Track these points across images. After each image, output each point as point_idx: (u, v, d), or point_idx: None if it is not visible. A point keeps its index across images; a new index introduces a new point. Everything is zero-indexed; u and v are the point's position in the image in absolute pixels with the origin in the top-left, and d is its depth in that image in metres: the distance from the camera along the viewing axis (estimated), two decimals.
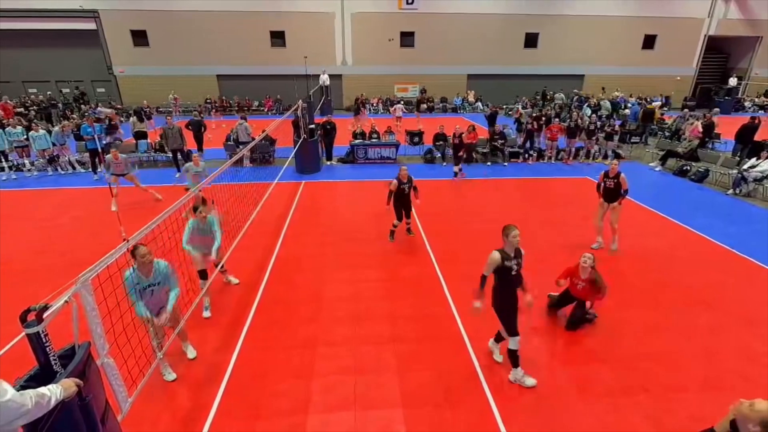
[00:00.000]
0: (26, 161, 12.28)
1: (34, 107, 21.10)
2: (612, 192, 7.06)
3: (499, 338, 4.54)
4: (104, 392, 2.57)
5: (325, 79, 22.89)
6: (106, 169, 9.17)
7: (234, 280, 6.16)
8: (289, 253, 7.13)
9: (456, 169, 11.64)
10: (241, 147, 11.40)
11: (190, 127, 13.15)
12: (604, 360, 4.61)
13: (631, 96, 24.91)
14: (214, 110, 23.70)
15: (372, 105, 25.42)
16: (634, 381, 4.31)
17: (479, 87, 26.68)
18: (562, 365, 4.54)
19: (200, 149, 13.70)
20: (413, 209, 7.82)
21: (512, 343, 4.13)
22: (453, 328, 5.17)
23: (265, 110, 24.68)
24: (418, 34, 25.34)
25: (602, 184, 7.18)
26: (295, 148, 11.80)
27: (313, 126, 12.27)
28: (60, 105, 22.83)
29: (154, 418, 3.81)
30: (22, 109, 19.88)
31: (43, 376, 2.10)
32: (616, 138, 13.67)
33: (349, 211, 9.14)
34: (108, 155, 9.24)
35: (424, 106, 24.16)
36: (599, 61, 26.82)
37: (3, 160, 11.88)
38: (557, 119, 14.15)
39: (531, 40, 26.22)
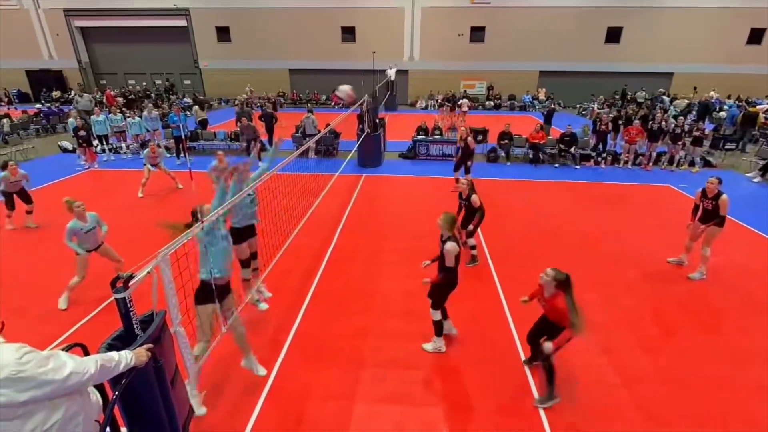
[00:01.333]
0: (123, 145, 13.76)
1: (132, 96, 23.51)
2: (709, 215, 6.06)
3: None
4: (175, 358, 2.83)
5: (391, 74, 23.03)
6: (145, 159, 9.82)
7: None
8: (346, 245, 7.32)
9: (456, 175, 9.83)
10: (307, 139, 11.87)
11: (262, 119, 13.91)
12: (675, 386, 4.21)
13: (728, 97, 22.24)
14: (280, 104, 24.67)
15: (436, 101, 25.16)
16: (710, 410, 3.89)
17: (551, 85, 25.36)
18: (628, 386, 4.21)
19: (270, 140, 14.46)
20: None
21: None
22: (504, 330, 5.01)
23: (332, 104, 25.38)
24: (489, 28, 24.59)
25: (699, 206, 6.20)
26: (358, 141, 12.05)
27: (377, 120, 12.43)
28: (152, 95, 25.24)
29: (216, 385, 4.12)
30: (121, 99, 22.26)
31: (126, 337, 2.36)
32: (707, 143, 12.31)
33: (407, 206, 9.16)
34: (146, 149, 10.02)
35: (466, 101, 23.07)
36: (692, 58, 24.20)
37: (104, 143, 13.41)
38: (637, 120, 13.05)
39: (613, 35, 24.33)
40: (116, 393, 2.14)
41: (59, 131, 17.43)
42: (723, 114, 18.06)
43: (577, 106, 24.35)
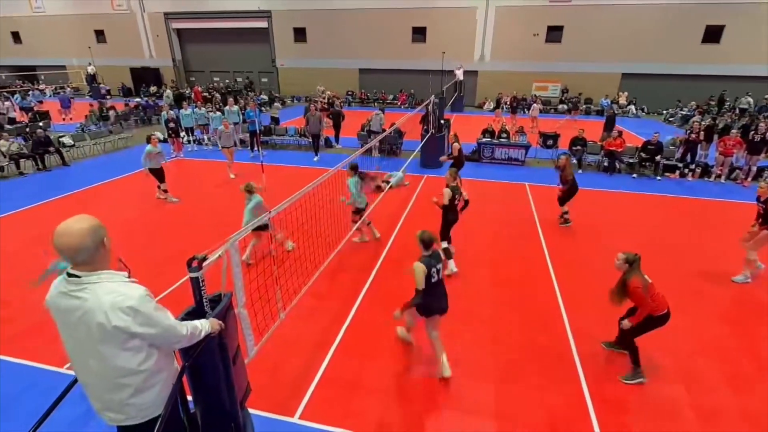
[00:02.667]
0: (205, 137, 14.99)
1: (216, 93, 25.48)
2: (764, 219, 5.87)
3: None
4: (237, 337, 3.04)
5: (459, 74, 22.69)
6: (218, 139, 10.53)
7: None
8: (402, 244, 7.36)
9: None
10: (372, 137, 12.09)
11: (331, 116, 14.40)
12: (759, 427, 3.73)
13: None
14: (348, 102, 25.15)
15: (505, 104, 24.33)
16: None
17: (634, 88, 23.38)
18: (706, 423, 3.81)
19: (337, 137, 14.95)
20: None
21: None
22: (564, 347, 4.75)
23: (398, 104, 25.56)
24: (568, 28, 23.23)
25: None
26: (421, 142, 12.03)
27: (442, 122, 12.34)
28: (232, 92, 27.17)
29: (271, 367, 4.37)
30: (207, 95, 24.19)
31: (196, 314, 2.58)
32: None
33: (466, 210, 8.98)
34: (220, 126, 10.84)
35: (537, 106, 22.00)
36: None
37: (190, 134, 14.69)
38: (735, 130, 11.64)
39: (712, 34, 21.81)
40: (187, 362, 2.36)
41: (153, 123, 19.38)
42: None
43: (663, 112, 22.24)
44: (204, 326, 2.32)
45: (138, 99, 22.92)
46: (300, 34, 27.10)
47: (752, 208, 9.42)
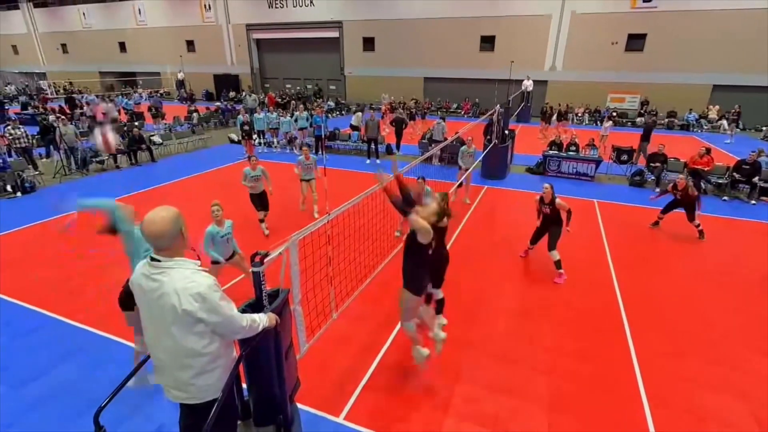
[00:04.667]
0: (275, 140, 15.88)
1: (288, 99, 26.93)
2: None
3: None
4: (291, 333, 3.17)
5: (528, 84, 21.95)
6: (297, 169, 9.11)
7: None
8: (456, 255, 7.22)
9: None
10: (433, 145, 12.06)
11: (393, 123, 14.61)
12: None
13: None
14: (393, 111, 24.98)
15: (577, 115, 23.11)
16: None
17: (728, 101, 21.01)
18: None
19: (398, 144, 15.10)
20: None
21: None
22: (631, 383, 4.37)
23: (462, 113, 25.26)
24: (651, 36, 21.54)
25: None
26: (483, 152, 11.78)
27: (507, 132, 12.00)
28: (302, 98, 28.53)
29: (320, 365, 4.49)
30: (280, 100, 25.63)
31: (256, 306, 2.73)
32: None
33: (526, 224, 8.62)
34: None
35: (610, 122, 20.42)
36: None
37: (261, 137, 15.64)
38: None
39: None
40: (244, 351, 2.51)
41: (230, 125, 20.89)
42: None
43: (763, 128, 19.80)
44: (262, 320, 2.45)
45: (218, 103, 24.86)
46: (369, 44, 27.82)
47: None
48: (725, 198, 10.37)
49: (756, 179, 10.11)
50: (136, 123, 17.64)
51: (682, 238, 8.04)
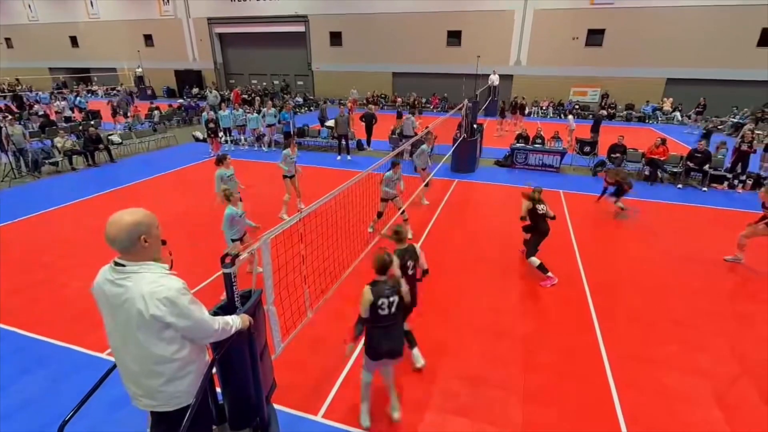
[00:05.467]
0: (242, 137, 15.49)
1: (254, 95, 26.30)
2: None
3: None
4: (265, 334, 3.11)
5: (494, 79, 22.36)
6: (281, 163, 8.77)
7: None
8: (430, 251, 7.30)
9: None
10: (404, 140, 12.09)
11: (363, 119, 14.55)
12: None
13: None
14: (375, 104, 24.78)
15: (542, 108, 23.80)
16: None
17: (680, 94, 22.24)
18: None
19: (369, 140, 15.07)
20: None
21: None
22: (598, 367, 4.57)
23: (431, 107, 25.47)
24: (610, 31, 22.41)
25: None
26: (453, 146, 11.93)
27: (475, 126, 12.19)
28: (269, 94, 27.95)
29: (296, 365, 4.44)
30: (246, 97, 24.99)
31: (227, 308, 2.66)
32: None
33: (497, 216, 8.83)
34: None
35: (572, 118, 21.24)
36: None
37: (228, 134, 15.22)
38: None
39: None
40: (217, 355, 2.44)
41: (195, 123, 20.21)
42: None
43: (713, 119, 21.02)
44: (234, 322, 2.39)
45: (181, 100, 23.98)
46: (336, 39, 27.55)
47: None
48: (680, 186, 10.96)
49: (707, 167, 10.74)
50: (92, 122, 16.78)
51: (641, 226, 8.44)
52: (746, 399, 4.14)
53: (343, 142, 13.48)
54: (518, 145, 12.84)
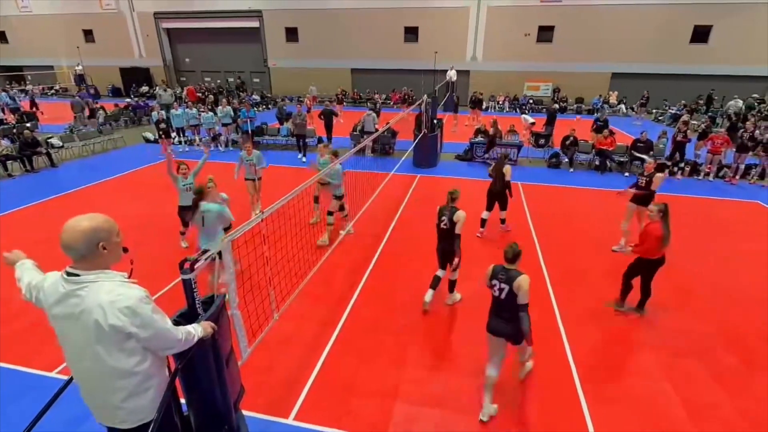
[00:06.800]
0: (197, 137, 14.87)
1: (208, 93, 25.30)
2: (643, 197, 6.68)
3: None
4: (230, 339, 3.02)
5: (452, 74, 22.74)
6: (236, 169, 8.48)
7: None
8: (397, 244, 7.36)
9: None
10: (365, 137, 12.08)
11: (322, 116, 14.37)
12: (755, 428, 3.79)
13: None
14: (341, 102, 24.20)
15: (497, 102, 24.49)
16: None
17: (624, 87, 23.65)
18: (696, 420, 3.86)
19: (329, 137, 14.91)
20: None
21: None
22: (559, 348, 4.79)
23: (392, 103, 25.56)
24: (559, 28, 23.43)
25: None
26: (414, 141, 12.05)
27: (435, 121, 12.37)
28: (224, 92, 26.99)
29: (265, 368, 4.35)
30: (200, 95, 24.01)
31: (189, 316, 2.56)
32: None
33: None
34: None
35: (527, 118, 22.11)
36: None
37: (181, 135, 14.56)
38: (723, 129, 11.80)
39: (701, 34, 22.15)
40: (179, 365, 2.34)
41: (144, 123, 19.19)
42: None
43: (653, 111, 22.51)
44: (197, 330, 2.31)
45: (128, 99, 22.65)
46: (292, 34, 27.00)
47: (740, 204, 9.62)
48: (626, 174, 11.66)
49: (650, 155, 11.46)
50: (28, 124, 15.53)
51: (597, 214, 8.90)
52: (690, 369, 4.49)
53: (302, 142, 13.21)
54: (477, 139, 13.15)
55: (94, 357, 1.91)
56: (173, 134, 14.23)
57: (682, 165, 11.63)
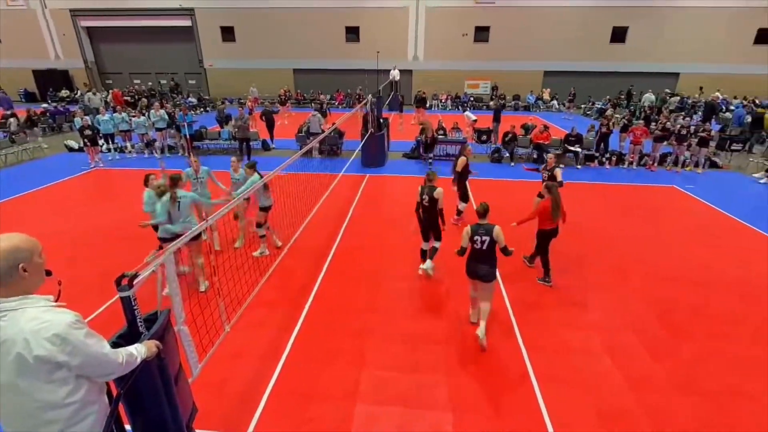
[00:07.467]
0: (128, 144, 13.84)
1: (138, 96, 23.63)
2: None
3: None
4: (179, 356, 2.84)
5: (395, 74, 23.01)
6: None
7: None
8: (349, 245, 7.32)
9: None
10: (311, 138, 11.89)
11: (263, 117, 13.96)
12: (684, 391, 4.18)
13: (735, 98, 22.09)
14: (285, 102, 23.74)
15: (441, 101, 25.13)
16: (717, 420, 3.86)
17: (556, 85, 25.24)
18: (634, 389, 4.19)
19: (271, 138, 14.55)
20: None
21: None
22: (510, 336, 5.00)
23: (336, 104, 25.39)
24: (494, 28, 24.54)
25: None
26: (362, 141, 12.05)
27: (381, 120, 12.44)
28: (157, 95, 25.37)
29: (218, 384, 4.14)
30: (129, 98, 22.38)
31: (130, 335, 2.37)
32: (713, 144, 12.22)
33: (410, 205, 9.11)
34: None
35: (470, 114, 23.16)
36: (698, 58, 24.04)
37: (110, 142, 13.48)
38: (641, 121, 12.96)
39: (619, 35, 24.23)
40: (121, 390, 2.16)
41: (65, 130, 17.56)
42: (729, 115, 17.95)
43: (582, 106, 24.23)
44: (140, 351, 2.15)
45: (45, 105, 20.56)
46: (228, 33, 25.95)
47: (659, 189, 10.59)
48: (561, 166, 12.39)
49: (578, 147, 12.35)
50: None
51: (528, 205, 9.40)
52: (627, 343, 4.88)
53: (245, 146, 12.75)
54: (422, 137, 13.38)
55: (17, 391, 1.72)
56: (101, 141, 13.15)
57: (608, 156, 12.61)
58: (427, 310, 5.47)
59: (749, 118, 15.80)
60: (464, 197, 8.10)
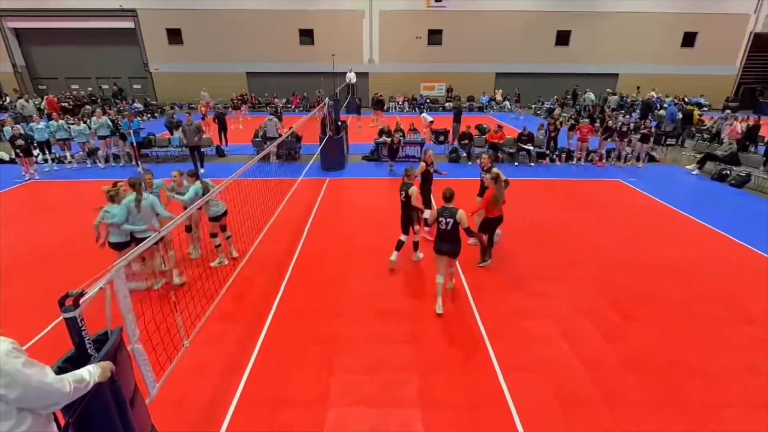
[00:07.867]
0: (67, 154, 12.88)
1: (77, 102, 22.08)
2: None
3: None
4: (134, 376, 2.67)
5: (351, 77, 22.98)
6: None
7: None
8: (312, 250, 7.21)
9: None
10: (268, 143, 11.60)
11: (216, 120, 13.44)
12: (635, 370, 4.45)
13: (667, 96, 23.92)
14: (238, 106, 22.95)
15: (398, 103, 25.38)
16: (667, 394, 4.14)
17: (507, 86, 26.17)
18: (590, 371, 4.41)
19: (225, 142, 14.09)
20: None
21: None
22: (474, 329, 5.11)
23: (292, 107, 24.98)
24: (446, 31, 25.14)
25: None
26: (320, 145, 11.92)
27: (339, 123, 12.36)
28: (99, 101, 23.85)
29: (179, 401, 3.94)
30: (66, 104, 20.86)
31: (78, 359, 2.20)
32: (652, 140, 13.16)
33: (372, 207, 9.16)
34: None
35: (427, 116, 23.71)
36: (634, 60, 25.90)
37: (47, 151, 12.50)
38: (587, 119, 13.74)
39: (563, 38, 25.58)
40: (69, 419, 1.99)
41: None
42: (663, 112, 19.41)
43: (532, 106, 25.31)
44: (92, 375, 2.01)
45: None
46: (175, 36, 24.85)
47: (606, 183, 11.24)
48: (516, 164, 12.91)
49: (530, 146, 12.88)
50: None
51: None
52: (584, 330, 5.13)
53: (197, 153, 12.02)
54: (381, 139, 13.47)
55: None
56: (36, 152, 12.17)
57: (558, 153, 13.24)
58: (392, 310, 5.48)
59: (680, 115, 17.18)
60: (426, 203, 7.53)
